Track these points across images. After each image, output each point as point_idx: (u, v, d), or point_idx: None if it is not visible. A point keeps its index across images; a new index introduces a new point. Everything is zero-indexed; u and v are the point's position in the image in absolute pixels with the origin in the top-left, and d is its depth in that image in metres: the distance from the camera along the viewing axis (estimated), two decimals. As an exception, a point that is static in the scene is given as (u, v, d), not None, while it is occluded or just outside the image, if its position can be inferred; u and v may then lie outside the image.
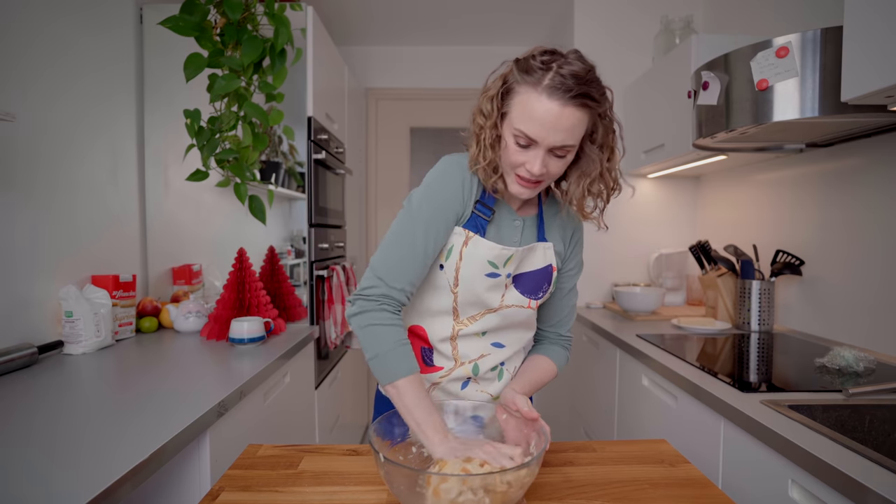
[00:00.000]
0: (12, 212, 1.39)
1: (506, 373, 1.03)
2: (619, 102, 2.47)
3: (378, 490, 0.80)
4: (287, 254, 2.03)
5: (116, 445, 0.86)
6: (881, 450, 0.96)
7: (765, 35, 1.46)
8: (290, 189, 2.02)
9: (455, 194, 0.92)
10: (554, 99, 0.80)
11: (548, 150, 0.84)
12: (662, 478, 0.85)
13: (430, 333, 0.99)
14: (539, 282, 0.99)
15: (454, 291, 0.95)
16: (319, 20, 2.12)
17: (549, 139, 0.82)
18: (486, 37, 3.12)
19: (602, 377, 1.97)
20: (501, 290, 0.96)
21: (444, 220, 0.92)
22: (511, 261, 0.95)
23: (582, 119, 0.83)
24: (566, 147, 0.85)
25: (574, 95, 0.80)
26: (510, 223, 0.98)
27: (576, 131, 0.84)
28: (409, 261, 0.90)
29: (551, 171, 0.87)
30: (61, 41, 1.57)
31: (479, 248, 0.92)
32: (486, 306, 0.96)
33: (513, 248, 0.94)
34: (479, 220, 0.94)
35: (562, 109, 0.80)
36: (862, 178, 1.54)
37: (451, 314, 0.97)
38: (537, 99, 0.81)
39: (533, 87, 0.82)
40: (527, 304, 0.99)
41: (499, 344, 1.00)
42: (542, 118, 0.81)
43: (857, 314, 1.55)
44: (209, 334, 1.68)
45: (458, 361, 0.98)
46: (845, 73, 1.10)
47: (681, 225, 2.50)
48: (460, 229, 0.93)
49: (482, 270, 0.93)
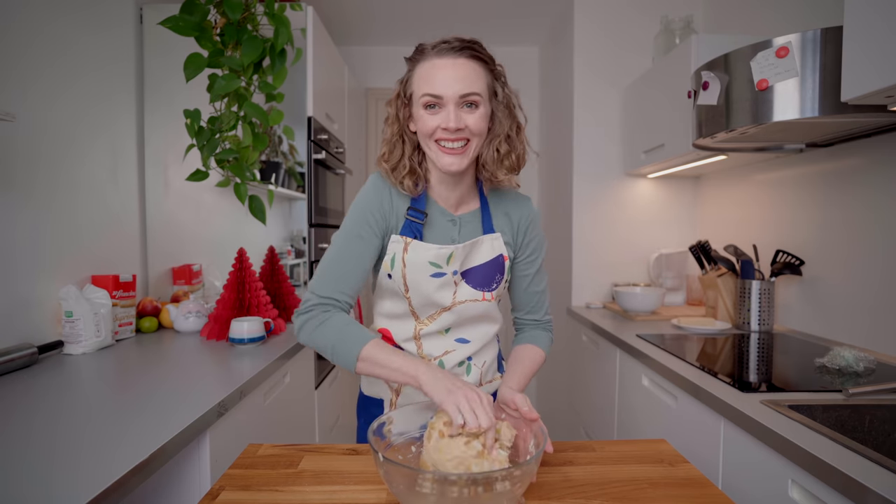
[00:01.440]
0: (12, 212, 1.39)
1: (473, 367, 1.05)
2: (619, 102, 2.47)
3: (378, 489, 0.80)
4: (287, 254, 2.04)
5: (116, 445, 0.86)
6: (881, 450, 0.96)
7: (765, 35, 1.46)
8: (290, 189, 2.02)
9: (373, 203, 0.97)
10: (444, 56, 0.88)
11: (456, 103, 0.88)
12: (662, 478, 0.84)
13: (394, 334, 1.02)
14: (490, 273, 1.01)
15: (407, 297, 0.98)
16: (319, 20, 2.12)
17: (451, 88, 0.87)
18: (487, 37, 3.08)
19: (602, 377, 1.97)
20: (451, 287, 0.98)
21: (367, 228, 0.96)
22: (453, 258, 0.97)
23: (477, 70, 0.89)
24: (472, 95, 0.88)
25: (460, 48, 0.88)
26: (445, 223, 1.00)
27: (475, 80, 0.89)
28: (337, 271, 0.95)
29: (470, 126, 0.90)
30: (61, 41, 1.57)
31: (419, 251, 0.96)
32: (439, 305, 0.99)
33: (451, 246, 0.96)
34: (413, 224, 0.97)
35: (454, 60, 0.88)
36: (862, 178, 1.54)
37: (410, 316, 1.01)
38: (430, 63, 0.89)
39: (425, 58, 0.90)
40: (480, 297, 1.00)
41: (463, 339, 1.03)
42: (439, 72, 0.88)
43: (857, 314, 1.55)
44: (209, 334, 1.68)
45: (424, 359, 1.01)
46: (845, 73, 1.10)
47: (681, 225, 2.50)
48: (397, 237, 0.97)
49: (426, 272, 0.96)
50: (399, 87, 0.96)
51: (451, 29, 3.02)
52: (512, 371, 1.00)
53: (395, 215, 0.98)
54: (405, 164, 0.96)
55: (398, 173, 0.97)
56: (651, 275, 2.44)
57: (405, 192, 0.98)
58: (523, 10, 2.78)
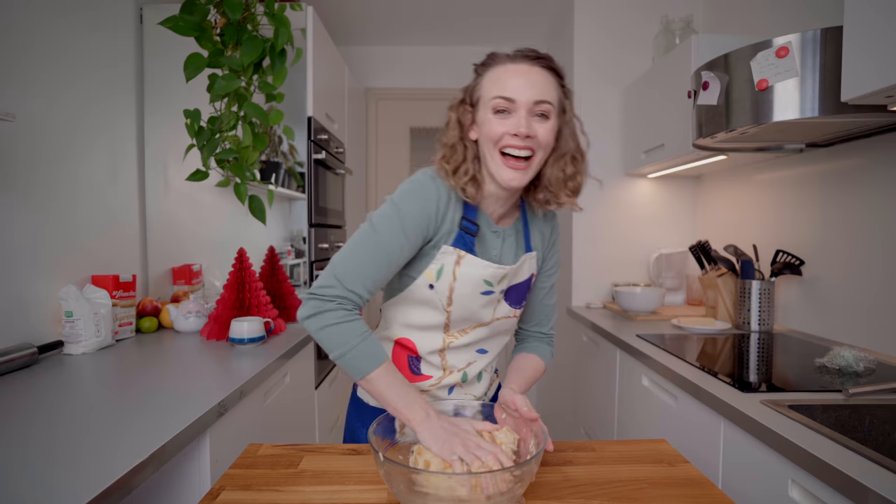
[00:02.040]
0: (12, 212, 1.39)
1: (485, 374, 1.05)
2: (619, 102, 2.47)
3: (378, 489, 0.80)
4: (287, 254, 2.04)
5: (116, 445, 0.86)
6: (881, 450, 0.96)
7: (765, 35, 1.46)
8: (290, 189, 2.02)
9: (432, 204, 0.89)
10: (520, 62, 0.86)
11: (529, 110, 0.85)
12: (662, 477, 0.84)
13: (418, 346, 0.98)
14: (524, 291, 1.02)
15: (447, 310, 0.93)
16: (319, 20, 2.12)
17: (526, 93, 0.85)
18: (487, 37, 3.12)
19: (602, 377, 1.97)
20: (494, 305, 0.97)
21: (417, 230, 0.88)
22: (505, 279, 0.95)
23: (550, 81, 0.87)
24: (545, 104, 0.86)
25: (537, 58, 0.87)
26: (490, 235, 0.96)
27: (549, 89, 0.87)
28: (371, 267, 0.87)
29: (539, 137, 0.86)
30: (61, 41, 1.57)
31: (475, 267, 0.91)
32: (478, 321, 0.97)
33: (507, 267, 0.94)
34: (466, 237, 0.91)
35: (531, 67, 0.86)
36: (862, 178, 1.53)
37: (441, 329, 0.97)
38: (504, 68, 0.87)
39: (499, 63, 0.88)
40: (513, 314, 1.02)
41: (483, 350, 1.02)
42: (515, 75, 0.85)
43: (857, 314, 1.55)
44: (209, 334, 1.68)
45: (447, 371, 0.99)
46: (845, 73, 1.10)
47: (681, 225, 2.50)
48: (450, 248, 0.90)
49: (478, 289, 0.92)
50: (464, 94, 0.92)
51: (451, 28, 3.03)
52: (516, 375, 1.00)
53: (448, 222, 0.90)
54: (467, 168, 0.89)
55: (459, 178, 0.89)
56: (651, 275, 2.44)
57: (466, 198, 0.90)
58: (523, 10, 2.78)
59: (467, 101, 0.91)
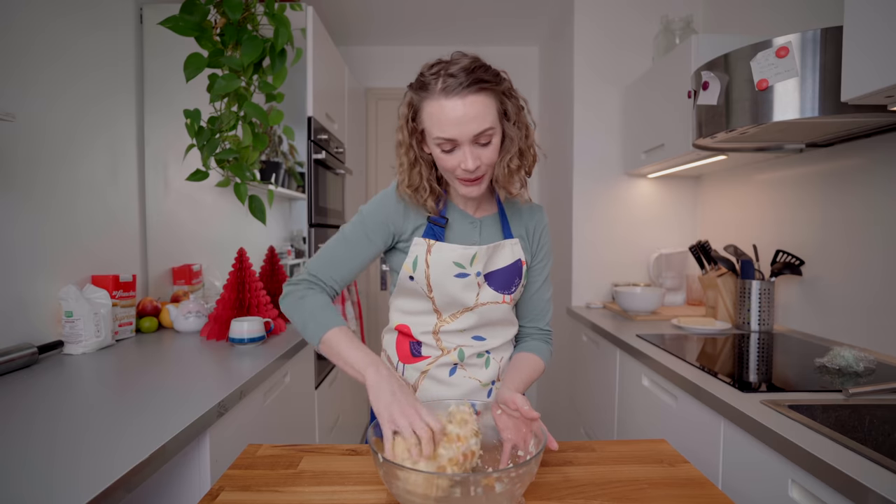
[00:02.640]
0: (12, 212, 1.39)
1: (492, 361, 1.06)
2: (619, 102, 2.47)
3: (378, 490, 0.80)
4: (287, 254, 2.04)
5: (116, 445, 0.86)
6: (881, 450, 0.96)
7: (765, 35, 1.46)
8: (290, 189, 2.02)
9: (392, 212, 1.00)
10: (452, 97, 0.86)
11: (470, 143, 0.89)
12: (662, 478, 0.85)
13: (413, 329, 1.04)
14: (510, 277, 1.04)
15: (431, 296, 1.01)
16: (319, 20, 2.12)
17: (465, 132, 0.87)
18: (487, 37, 3.12)
19: (602, 377, 1.97)
20: (475, 289, 1.01)
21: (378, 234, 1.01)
22: (477, 259, 0.99)
23: (486, 103, 0.88)
24: (485, 132, 0.89)
25: (468, 84, 0.85)
26: (466, 225, 1.03)
27: (486, 116, 0.88)
28: (338, 261, 1.01)
29: (485, 161, 0.91)
30: (61, 41, 1.57)
31: (442, 251, 0.98)
32: (463, 305, 1.01)
33: (475, 247, 0.99)
34: (435, 228, 1.00)
35: (463, 101, 0.86)
36: (862, 178, 1.53)
37: (432, 313, 1.03)
38: (439, 105, 0.87)
39: (432, 97, 0.88)
40: (501, 299, 1.03)
41: (480, 337, 1.05)
42: (450, 117, 0.86)
43: (857, 314, 1.55)
44: (209, 334, 1.68)
45: (445, 350, 1.04)
46: (845, 73, 1.10)
47: (681, 225, 2.50)
48: (420, 239, 0.99)
49: (450, 272, 0.98)
50: (407, 115, 0.94)
51: (451, 29, 3.03)
52: (514, 374, 1.01)
53: (413, 221, 1.01)
54: (425, 186, 0.98)
55: (420, 196, 0.98)
56: (651, 275, 2.44)
57: (429, 212, 1.00)
58: (523, 10, 2.78)
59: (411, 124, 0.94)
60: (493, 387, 1.07)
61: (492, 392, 1.07)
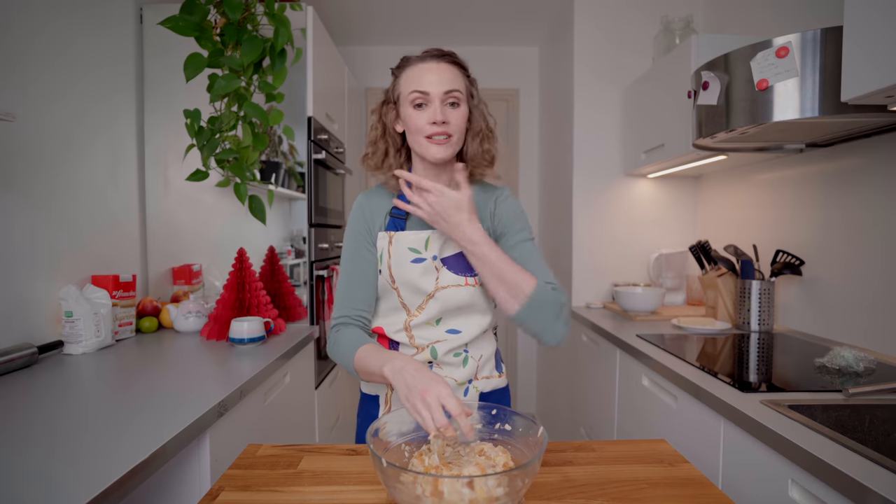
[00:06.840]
0: (12, 212, 1.39)
1: (471, 360, 1.05)
2: (619, 103, 2.47)
3: (378, 490, 0.80)
4: (287, 254, 2.03)
5: (116, 445, 0.86)
6: (881, 450, 0.96)
7: (765, 35, 1.46)
8: (290, 189, 2.01)
9: (359, 220, 1.06)
10: (427, 60, 1.00)
11: (441, 99, 0.97)
12: (662, 478, 0.84)
13: (386, 329, 1.06)
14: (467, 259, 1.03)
15: (395, 287, 1.04)
16: (319, 20, 2.12)
17: (437, 86, 0.97)
18: (487, 37, 3.12)
19: (602, 377, 1.97)
20: (433, 273, 1.02)
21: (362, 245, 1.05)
22: (431, 242, 1.01)
23: (456, 74, 1.00)
24: (454, 92, 0.98)
25: (441, 55, 1.00)
26: None
27: (456, 80, 0.99)
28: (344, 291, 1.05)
29: (452, 122, 0.98)
30: (61, 41, 1.57)
31: (400, 240, 1.03)
32: (424, 293, 1.02)
33: (427, 231, 1.02)
34: (396, 220, 1.05)
35: (438, 63, 0.99)
36: (862, 178, 1.53)
37: (402, 309, 1.05)
38: (416, 67, 0.99)
39: (411, 65, 1.00)
40: (463, 281, 1.02)
41: (454, 330, 1.04)
42: (425, 72, 0.98)
43: (856, 314, 1.55)
44: (209, 334, 1.68)
45: (419, 348, 1.04)
46: (845, 73, 1.10)
47: (681, 225, 2.50)
48: (383, 233, 1.04)
49: (407, 258, 1.02)
50: (386, 95, 1.05)
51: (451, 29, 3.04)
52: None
53: (379, 218, 1.06)
54: (390, 163, 1.06)
55: (383, 171, 1.06)
56: (651, 275, 2.44)
57: (391, 189, 1.06)
58: (523, 11, 2.78)
59: (390, 100, 1.04)
60: (470, 385, 1.05)
61: (468, 391, 1.05)
